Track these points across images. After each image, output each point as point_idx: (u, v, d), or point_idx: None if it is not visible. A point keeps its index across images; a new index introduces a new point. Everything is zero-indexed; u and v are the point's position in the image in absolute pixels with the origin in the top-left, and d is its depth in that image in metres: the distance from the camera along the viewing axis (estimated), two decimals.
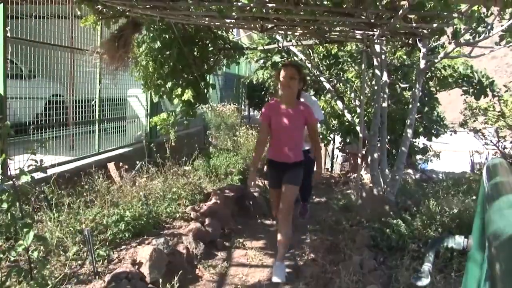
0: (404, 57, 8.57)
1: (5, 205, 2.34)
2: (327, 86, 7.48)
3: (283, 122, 4.24)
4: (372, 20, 3.58)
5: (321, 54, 8.37)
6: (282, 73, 4.22)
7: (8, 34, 4.58)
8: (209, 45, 5.54)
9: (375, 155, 5.96)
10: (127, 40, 4.77)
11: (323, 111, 9.30)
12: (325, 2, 3.11)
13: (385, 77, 6.35)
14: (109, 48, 4.75)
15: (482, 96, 8.63)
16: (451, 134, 10.99)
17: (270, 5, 3.17)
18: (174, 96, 5.29)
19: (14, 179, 2.72)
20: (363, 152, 7.87)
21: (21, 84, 5.40)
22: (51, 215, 4.01)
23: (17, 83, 5.35)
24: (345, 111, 7.29)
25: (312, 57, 8.10)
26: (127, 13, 4.30)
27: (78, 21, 4.98)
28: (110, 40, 4.81)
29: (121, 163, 6.03)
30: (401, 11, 2.95)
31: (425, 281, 1.78)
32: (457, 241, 2.05)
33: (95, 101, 6.48)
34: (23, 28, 5.02)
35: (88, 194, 4.78)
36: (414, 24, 3.59)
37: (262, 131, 4.39)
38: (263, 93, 13.16)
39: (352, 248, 4.49)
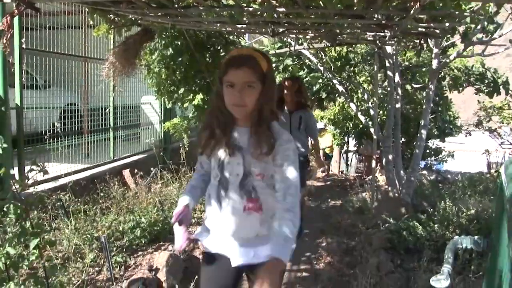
0: (415, 58, 8.48)
1: (12, 216, 2.34)
2: (340, 88, 7.45)
3: None
4: (383, 21, 3.56)
5: (333, 57, 8.32)
6: None
7: (24, 46, 4.66)
8: (221, 50, 5.55)
9: (390, 156, 5.92)
10: (138, 48, 4.80)
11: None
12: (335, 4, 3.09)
13: (397, 78, 6.31)
14: (120, 56, 4.78)
15: (496, 94, 8.49)
16: (466, 136, 10.86)
17: (280, 9, 3.17)
18: (187, 101, 5.31)
19: (28, 188, 2.74)
20: (378, 154, 7.80)
21: (37, 94, 5.48)
22: (68, 222, 4.05)
23: (33, 93, 5.42)
24: (359, 113, 7.25)
25: (324, 60, 8.08)
26: (139, 21, 4.34)
27: (91, 31, 5.04)
28: (122, 47, 4.84)
29: (136, 170, 6.07)
30: (412, 11, 2.93)
31: (444, 283, 1.76)
32: (475, 242, 2.03)
33: (109, 109, 6.54)
34: (37, 39, 5.09)
35: (104, 201, 4.82)
36: (425, 24, 3.57)
37: None
38: None
39: (369, 250, 4.45)
